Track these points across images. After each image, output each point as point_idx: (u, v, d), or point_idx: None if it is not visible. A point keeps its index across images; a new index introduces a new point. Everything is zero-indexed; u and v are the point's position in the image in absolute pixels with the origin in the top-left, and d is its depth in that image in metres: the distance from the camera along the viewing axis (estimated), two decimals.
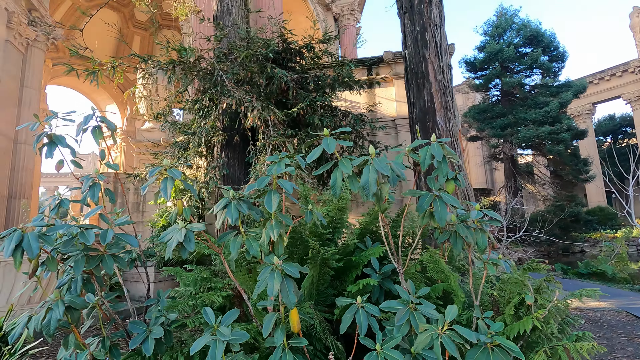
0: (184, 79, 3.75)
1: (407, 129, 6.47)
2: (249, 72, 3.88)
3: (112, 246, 2.03)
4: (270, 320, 1.80)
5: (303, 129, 4.20)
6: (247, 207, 1.83)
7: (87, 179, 2.40)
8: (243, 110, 3.54)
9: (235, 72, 3.81)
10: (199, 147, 4.40)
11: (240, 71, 3.82)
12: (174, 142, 5.76)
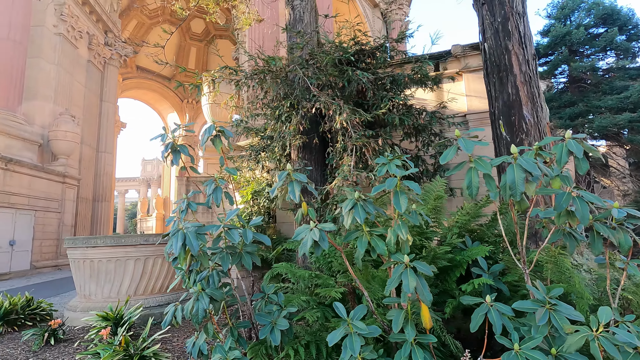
0: (273, 86, 3.97)
1: (480, 124, 6.22)
2: (330, 76, 4.02)
3: (247, 245, 2.24)
4: (399, 316, 1.88)
5: (382, 129, 4.24)
6: (373, 208, 1.92)
7: (211, 183, 2.65)
8: (330, 113, 3.67)
9: (318, 77, 3.97)
10: (282, 150, 4.62)
11: (322, 76, 3.97)
12: (250, 146, 6.08)
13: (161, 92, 36.53)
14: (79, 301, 5.05)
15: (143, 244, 5.01)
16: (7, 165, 12.11)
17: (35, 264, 13.42)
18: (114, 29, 20.76)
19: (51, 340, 3.95)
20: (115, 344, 2.91)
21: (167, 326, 2.35)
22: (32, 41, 15.21)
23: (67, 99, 16.95)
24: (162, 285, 5.26)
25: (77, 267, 5.04)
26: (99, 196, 19.21)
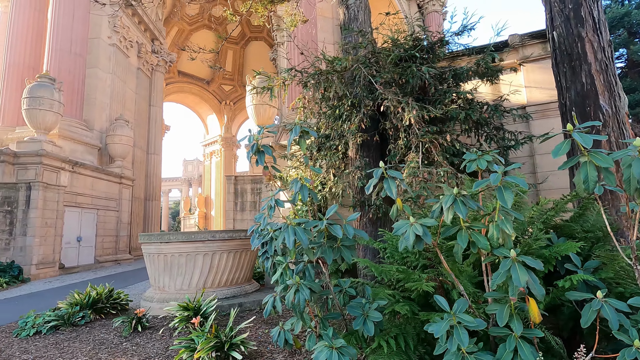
0: (340, 85, 4.07)
1: (542, 116, 5.95)
2: (394, 74, 4.04)
3: (346, 239, 2.35)
4: (503, 310, 1.89)
5: (443, 124, 4.19)
6: (474, 204, 1.94)
7: (296, 183, 2.78)
8: (398, 110, 3.70)
9: (382, 74, 4.01)
10: (344, 148, 4.71)
11: (386, 73, 4.00)
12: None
13: (201, 95, 38.02)
14: (155, 292, 5.46)
15: (210, 240, 5.32)
16: (73, 168, 13.23)
17: (98, 258, 14.58)
18: (159, 37, 21.91)
19: (138, 327, 4.32)
20: (205, 331, 3.15)
21: (268, 315, 2.51)
22: (90, 52, 16.44)
23: (121, 104, 18.17)
24: (227, 279, 5.55)
25: (152, 261, 5.44)
26: (149, 195, 20.44)
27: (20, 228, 10.83)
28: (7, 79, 16.64)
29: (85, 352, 3.73)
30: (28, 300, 7.25)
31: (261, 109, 12.48)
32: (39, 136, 12.18)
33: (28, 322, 4.58)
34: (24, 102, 11.96)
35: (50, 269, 11.41)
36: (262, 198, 11.40)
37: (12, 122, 16.39)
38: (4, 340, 4.37)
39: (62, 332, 4.51)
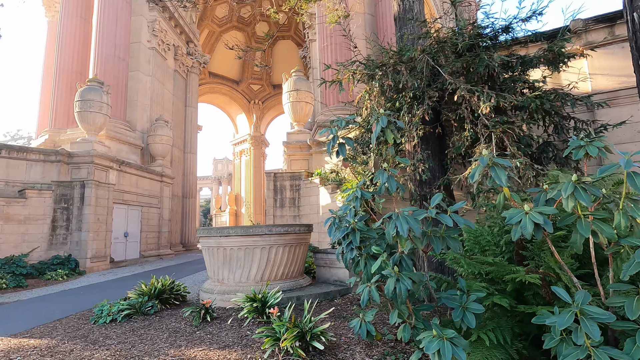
0: (409, 77, 4.01)
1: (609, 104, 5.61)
2: (464, 63, 3.93)
3: (450, 229, 2.31)
4: (633, 303, 1.79)
5: (514, 114, 4.03)
6: (597, 191, 1.85)
7: (382, 173, 2.76)
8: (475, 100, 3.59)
9: (453, 63, 3.91)
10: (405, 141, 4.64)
11: (455, 62, 3.89)
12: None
13: (230, 95, 38.83)
14: (214, 285, 5.63)
15: (267, 234, 5.42)
16: (120, 167, 13.89)
17: (143, 253, 15.26)
18: (194, 39, 22.55)
19: (207, 317, 4.47)
20: (285, 321, 3.20)
21: (365, 305, 2.52)
22: (132, 56, 17.16)
23: (160, 106, 18.88)
24: (283, 273, 5.64)
25: (211, 255, 5.62)
26: (186, 193, 21.15)
27: (75, 224, 11.51)
28: (57, 84, 17.71)
29: (163, 339, 3.90)
30: (91, 291, 7.69)
31: (298, 107, 12.57)
32: (89, 137, 12.88)
33: (104, 310, 4.85)
34: (76, 105, 12.67)
35: (102, 262, 12.06)
36: (301, 194, 11.50)
37: (63, 124, 17.44)
38: (84, 326, 4.66)
39: (135, 320, 4.74)
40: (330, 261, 6.25)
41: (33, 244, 10.97)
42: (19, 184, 11.45)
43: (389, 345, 3.18)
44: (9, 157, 11.36)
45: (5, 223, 10.49)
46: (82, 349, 3.73)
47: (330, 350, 3.14)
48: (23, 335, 4.39)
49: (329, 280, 6.24)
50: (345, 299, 5.50)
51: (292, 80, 12.71)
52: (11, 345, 3.99)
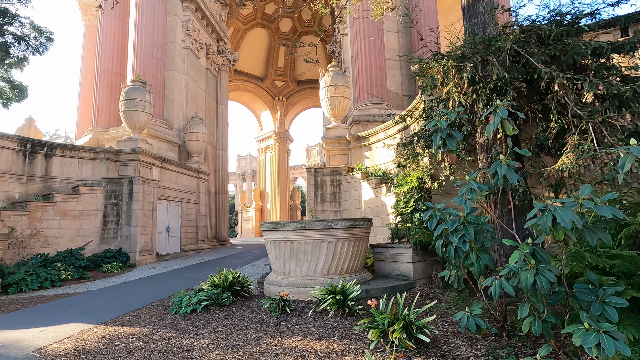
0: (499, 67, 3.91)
1: None
2: (556, 52, 3.81)
3: (599, 221, 2.26)
4: None
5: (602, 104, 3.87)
6: None
7: (499, 165, 2.70)
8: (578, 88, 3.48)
9: (547, 51, 3.79)
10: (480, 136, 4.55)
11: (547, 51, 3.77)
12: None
13: (255, 92, 39.20)
14: (281, 278, 5.74)
15: (334, 228, 5.46)
16: (162, 164, 14.33)
17: (183, 247, 15.74)
18: (224, 37, 22.86)
19: (286, 309, 4.57)
20: (387, 313, 3.23)
21: (497, 299, 2.51)
22: (167, 56, 17.57)
23: (194, 104, 19.31)
24: (348, 267, 5.68)
25: (278, 248, 5.72)
26: (218, 189, 21.60)
27: (125, 219, 11.98)
28: (99, 85, 18.40)
29: (251, 329, 4.02)
30: (151, 283, 8.00)
31: (336, 102, 12.55)
32: (134, 135, 13.33)
33: (183, 301, 5.04)
34: (122, 105, 13.12)
35: (149, 256, 12.52)
36: (342, 189, 11.52)
37: (105, 123, 18.14)
38: (166, 316, 4.86)
39: (213, 311, 4.91)
40: (391, 255, 6.25)
41: (87, 238, 11.51)
42: (72, 181, 12.01)
43: (491, 340, 3.16)
44: (63, 155, 11.93)
45: (62, 218, 11.05)
46: (178, 337, 3.89)
47: (432, 343, 3.15)
48: (114, 324, 4.63)
49: (390, 274, 6.25)
50: (412, 293, 5.49)
51: (330, 75, 12.69)
52: (108, 332, 4.22)
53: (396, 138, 10.62)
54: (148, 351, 3.46)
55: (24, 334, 4.30)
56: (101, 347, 3.67)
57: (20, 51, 11.43)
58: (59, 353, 3.58)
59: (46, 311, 5.55)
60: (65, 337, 4.13)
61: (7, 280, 7.46)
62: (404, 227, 6.25)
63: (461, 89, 4.20)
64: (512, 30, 4.09)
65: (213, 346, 3.52)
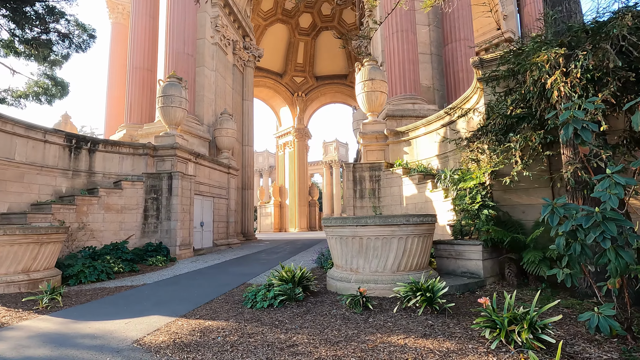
0: (612, 54, 3.73)
1: None
2: None
3: None
4: None
5: None
6: None
7: None
8: None
9: None
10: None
11: None
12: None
13: (275, 88, 39.23)
14: (348, 273, 5.68)
15: (405, 224, 5.36)
16: (196, 159, 14.46)
17: (215, 242, 15.90)
18: (250, 33, 22.87)
19: (368, 305, 4.51)
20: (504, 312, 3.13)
21: None
22: (197, 52, 17.66)
23: (223, 100, 19.41)
24: (416, 263, 5.58)
25: (345, 243, 5.66)
26: (245, 185, 21.71)
27: (164, 213, 12.14)
28: (131, 82, 18.66)
29: (341, 325, 3.97)
30: (202, 278, 8.07)
31: (373, 96, 12.39)
32: (170, 131, 13.47)
33: (257, 296, 5.03)
34: (159, 101, 13.25)
35: (187, 250, 12.68)
36: (381, 185, 11.39)
37: (137, 119, 18.40)
38: (242, 310, 4.86)
39: (290, 306, 4.89)
40: (456, 252, 6.12)
41: (129, 232, 11.71)
42: (114, 176, 12.23)
43: (616, 342, 3.02)
44: (105, 150, 12.13)
45: (106, 212, 11.26)
46: (271, 331, 3.87)
47: (554, 344, 3.03)
48: (194, 317, 4.66)
49: (455, 272, 6.12)
50: (485, 291, 5.36)
51: (367, 70, 12.53)
52: (195, 326, 4.23)
53: (440, 133, 10.42)
54: (251, 346, 3.44)
55: (112, 325, 4.35)
56: (199, 340, 3.68)
57: (64, 48, 11.61)
58: (159, 345, 3.60)
59: (117, 303, 5.63)
60: (154, 329, 4.16)
61: (66, 272, 7.63)
62: (469, 223, 6.10)
63: (566, 79, 4.01)
64: (623, 16, 3.88)
65: (314, 342, 3.48)
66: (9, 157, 9.58)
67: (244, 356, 3.20)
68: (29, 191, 10.11)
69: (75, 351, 3.50)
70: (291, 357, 3.11)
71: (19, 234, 6.49)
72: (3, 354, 3.48)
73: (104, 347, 3.61)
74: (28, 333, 4.14)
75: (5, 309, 5.25)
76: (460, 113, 9.03)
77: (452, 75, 16.52)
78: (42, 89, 11.79)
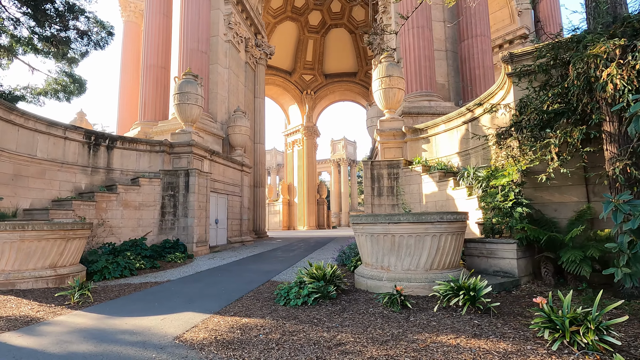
0: None
1: None
2: None
3: None
4: None
5: None
6: None
7: None
8: None
9: None
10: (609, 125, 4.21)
11: None
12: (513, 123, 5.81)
13: (284, 86, 39.17)
14: (379, 272, 5.59)
15: (439, 222, 5.26)
16: (211, 156, 14.45)
17: (229, 239, 15.91)
18: (262, 31, 22.82)
19: (406, 303, 4.42)
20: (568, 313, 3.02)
21: None
22: (211, 49, 17.64)
23: (235, 97, 19.39)
24: (449, 262, 5.47)
25: (376, 241, 5.57)
26: (257, 182, 21.71)
27: (181, 210, 12.15)
28: (145, 80, 18.72)
29: (382, 324, 3.88)
30: (225, 275, 8.04)
31: (390, 93, 12.24)
32: (186, 128, 13.46)
33: (291, 293, 4.97)
34: (175, 98, 13.24)
35: (204, 247, 12.68)
36: (399, 183, 11.26)
37: (151, 117, 18.47)
38: (276, 308, 4.80)
39: (323, 304, 4.82)
40: (488, 251, 6.00)
41: (146, 229, 11.75)
42: (131, 173, 12.27)
43: None
44: (123, 147, 12.17)
45: (125, 209, 11.30)
46: (311, 329, 3.80)
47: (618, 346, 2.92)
48: (227, 314, 4.61)
49: (487, 271, 6.00)
50: (522, 290, 5.24)
51: (384, 66, 12.38)
52: (232, 323, 4.18)
53: (461, 130, 10.27)
54: (297, 344, 3.38)
55: (147, 322, 4.32)
56: (241, 338, 3.62)
57: (82, 45, 11.65)
58: (201, 342, 3.55)
59: (146, 300, 5.61)
60: (191, 326, 4.12)
61: (91, 268, 7.66)
62: (501, 221, 5.97)
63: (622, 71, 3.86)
64: None
65: (361, 340, 3.40)
66: (31, 154, 9.64)
67: (292, 355, 3.13)
68: (50, 187, 10.17)
69: (118, 347, 3.47)
70: (342, 356, 3.03)
71: (46, 229, 6.51)
72: (46, 349, 3.46)
73: (146, 343, 3.57)
74: (66, 328, 4.12)
75: (37, 304, 5.26)
76: (484, 110, 8.88)
77: (469, 72, 16.31)
78: (61, 87, 11.85)
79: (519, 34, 24.00)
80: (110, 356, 3.25)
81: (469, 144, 9.96)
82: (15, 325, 4.25)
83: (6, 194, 8.81)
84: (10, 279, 6.22)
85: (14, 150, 9.13)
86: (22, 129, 9.38)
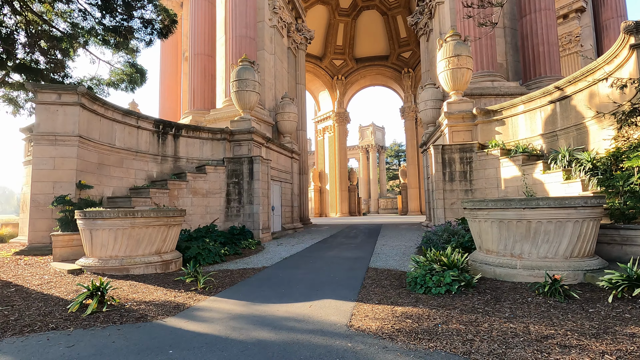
0: None
1: None
2: None
3: None
4: None
5: None
6: None
7: None
8: None
9: None
10: None
11: None
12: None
13: (314, 72, 38.58)
14: (510, 260, 5.30)
15: (582, 206, 4.90)
16: (267, 143, 14.38)
17: (283, 226, 15.96)
18: (302, 15, 22.31)
19: (572, 294, 4.14)
20: None
21: None
22: (257, 35, 17.37)
23: (281, 84, 19.15)
24: (588, 249, 5.13)
25: (507, 227, 5.27)
26: (301, 169, 21.60)
27: (246, 197, 12.17)
28: (193, 69, 18.73)
29: (560, 316, 3.63)
30: (314, 261, 7.95)
31: (458, 73, 11.69)
32: (245, 115, 13.38)
33: (430, 281, 4.78)
34: (234, 85, 13.13)
35: (267, 234, 12.74)
36: (473, 167, 10.82)
37: (200, 105, 18.54)
38: (416, 296, 4.63)
39: (467, 293, 4.61)
40: (621, 238, 5.60)
41: (213, 215, 11.86)
42: (196, 161, 12.35)
43: None
44: (187, 136, 12.24)
45: (194, 196, 11.42)
46: (488, 320, 3.59)
47: None
48: (370, 302, 4.47)
49: (622, 259, 5.60)
50: None
51: (451, 46, 11.80)
52: (391, 312, 4.02)
53: (547, 110, 9.66)
54: (494, 335, 3.18)
55: (297, 309, 4.24)
56: (422, 328, 3.45)
57: (146, 34, 11.64)
58: (382, 331, 3.40)
59: (267, 286, 5.55)
60: (349, 314, 4.00)
61: (186, 254, 7.75)
62: (637, 206, 5.53)
63: None
64: None
65: (566, 333, 3.17)
66: (111, 143, 9.80)
67: (506, 348, 2.93)
68: (127, 176, 10.35)
69: (299, 335, 3.37)
70: (565, 350, 2.81)
71: (153, 216, 6.57)
72: (229, 335, 3.41)
73: (324, 331, 3.46)
74: (223, 314, 4.09)
75: (164, 289, 5.30)
76: (578, 88, 8.27)
77: (530, 50, 15.38)
78: (127, 76, 11.93)
79: (575, 7, 22.47)
80: (302, 344, 3.15)
81: (556, 124, 9.37)
82: (169, 310, 4.26)
83: (93, 183, 9.01)
84: (125, 265, 6.34)
85: (97, 139, 9.29)
86: (103, 118, 9.51)
